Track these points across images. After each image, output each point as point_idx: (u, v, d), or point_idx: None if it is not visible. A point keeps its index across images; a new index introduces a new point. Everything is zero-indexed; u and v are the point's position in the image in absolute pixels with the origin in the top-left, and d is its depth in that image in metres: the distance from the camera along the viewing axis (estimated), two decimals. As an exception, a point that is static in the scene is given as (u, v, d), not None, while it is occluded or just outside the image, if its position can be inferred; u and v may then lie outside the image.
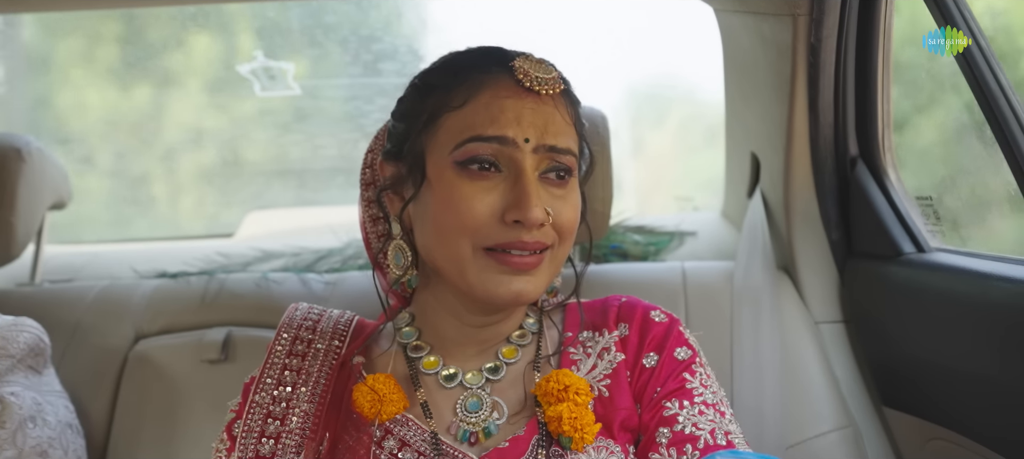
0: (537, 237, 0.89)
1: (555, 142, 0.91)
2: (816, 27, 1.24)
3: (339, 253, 1.80)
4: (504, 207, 0.88)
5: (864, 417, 1.40)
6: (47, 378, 1.30)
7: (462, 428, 0.93)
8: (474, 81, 0.91)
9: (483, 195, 0.88)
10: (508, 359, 0.98)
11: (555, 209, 0.90)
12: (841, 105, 1.36)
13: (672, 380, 0.95)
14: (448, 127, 0.91)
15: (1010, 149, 1.05)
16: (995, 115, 1.02)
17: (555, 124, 0.91)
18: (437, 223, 0.90)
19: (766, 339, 1.40)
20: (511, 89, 0.90)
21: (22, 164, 1.51)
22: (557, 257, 0.93)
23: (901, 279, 1.32)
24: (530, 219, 0.87)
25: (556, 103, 0.92)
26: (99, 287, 1.61)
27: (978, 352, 1.15)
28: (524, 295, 0.90)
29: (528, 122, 0.89)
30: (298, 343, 0.99)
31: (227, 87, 2.20)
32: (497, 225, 0.88)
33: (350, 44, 2.09)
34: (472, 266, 0.89)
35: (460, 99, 0.91)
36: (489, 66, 0.92)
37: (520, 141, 0.89)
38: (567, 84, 0.96)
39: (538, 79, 0.91)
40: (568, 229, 0.93)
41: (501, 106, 0.90)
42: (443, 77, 0.95)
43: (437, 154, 0.91)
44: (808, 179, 1.44)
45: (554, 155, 0.91)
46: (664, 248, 1.80)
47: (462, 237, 0.89)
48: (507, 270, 0.89)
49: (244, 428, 0.93)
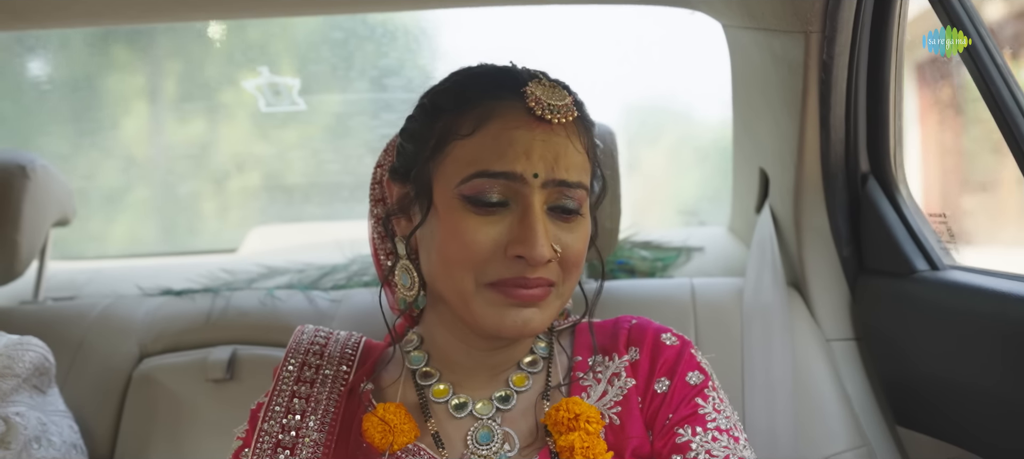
0: (541, 274, 0.87)
1: (565, 176, 0.88)
2: (828, 44, 1.23)
3: (344, 269, 1.79)
4: (509, 241, 0.86)
5: (878, 436, 1.38)
6: (52, 398, 1.29)
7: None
8: (484, 109, 0.88)
9: (488, 228, 0.86)
10: (519, 387, 0.96)
11: (563, 243, 0.88)
12: (852, 121, 1.35)
13: (684, 406, 0.93)
14: (456, 157, 0.88)
15: (1019, 149, 1.03)
16: (1004, 116, 1.01)
17: (566, 157, 0.88)
18: (442, 253, 0.89)
19: (777, 356, 1.38)
20: (521, 119, 0.87)
21: (27, 181, 1.50)
22: (563, 291, 0.91)
23: (915, 296, 1.31)
24: (535, 257, 0.85)
25: (568, 132, 0.89)
26: (103, 305, 1.60)
27: (994, 371, 1.14)
28: (530, 327, 0.89)
29: (538, 156, 0.86)
30: (306, 369, 0.97)
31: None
32: (501, 259, 0.86)
33: (356, 59, 2.09)
34: (476, 299, 0.88)
35: (469, 127, 0.88)
36: (499, 92, 0.89)
37: (529, 177, 0.86)
38: (581, 109, 0.92)
39: (550, 107, 0.87)
40: (575, 263, 0.90)
41: (510, 139, 0.87)
42: (452, 100, 0.92)
43: (444, 183, 0.89)
44: (819, 195, 1.43)
45: (564, 190, 0.88)
46: (671, 264, 1.79)
47: (466, 271, 0.87)
48: (512, 303, 0.87)
49: (253, 457, 0.91)
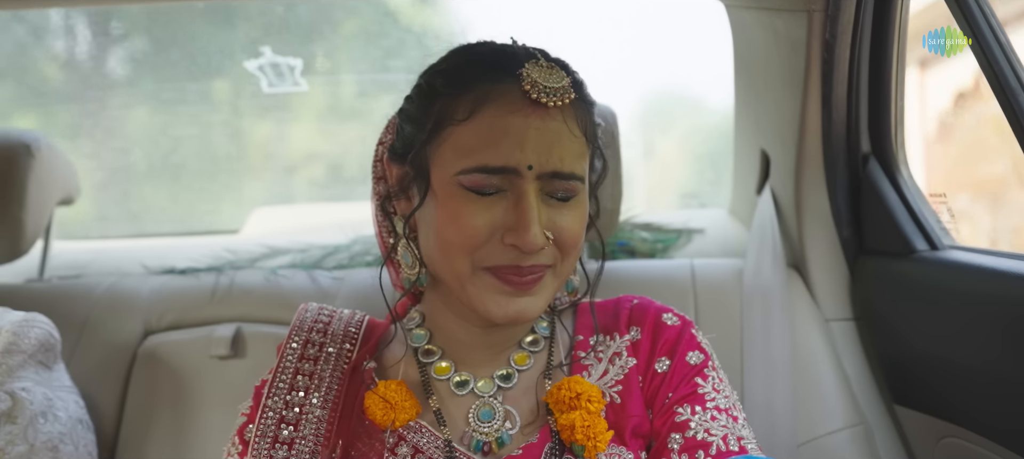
0: (535, 260, 0.87)
1: (560, 167, 0.87)
2: (831, 23, 1.23)
3: (346, 249, 1.80)
4: (504, 227, 0.86)
5: (875, 415, 1.40)
6: (57, 374, 1.29)
7: (475, 438, 0.92)
8: (479, 93, 0.87)
9: (484, 213, 0.86)
10: (520, 366, 0.97)
11: (558, 226, 0.88)
12: (854, 101, 1.36)
13: (684, 385, 0.94)
14: (452, 143, 0.88)
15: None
16: (1015, 111, 1.01)
17: (561, 145, 0.87)
18: (439, 236, 0.89)
19: (776, 337, 1.39)
20: (517, 104, 0.86)
21: (31, 160, 1.50)
22: (560, 273, 0.91)
23: (914, 276, 1.32)
24: (528, 244, 0.85)
25: (565, 116, 0.88)
26: (107, 283, 1.61)
27: (991, 349, 1.15)
28: (523, 316, 0.89)
29: (532, 146, 0.85)
30: (310, 346, 0.98)
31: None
32: (497, 245, 0.87)
33: (358, 40, 2.09)
34: (472, 282, 0.88)
35: (465, 112, 0.87)
36: (495, 75, 0.88)
37: (523, 169, 0.86)
38: (579, 89, 0.91)
39: (547, 90, 0.85)
40: (572, 244, 0.90)
41: (505, 127, 0.86)
42: (448, 82, 0.90)
43: (441, 169, 0.89)
44: (819, 176, 1.43)
45: (556, 181, 0.88)
46: (672, 245, 1.80)
47: (463, 254, 0.87)
48: (506, 290, 0.88)
49: (257, 433, 0.92)
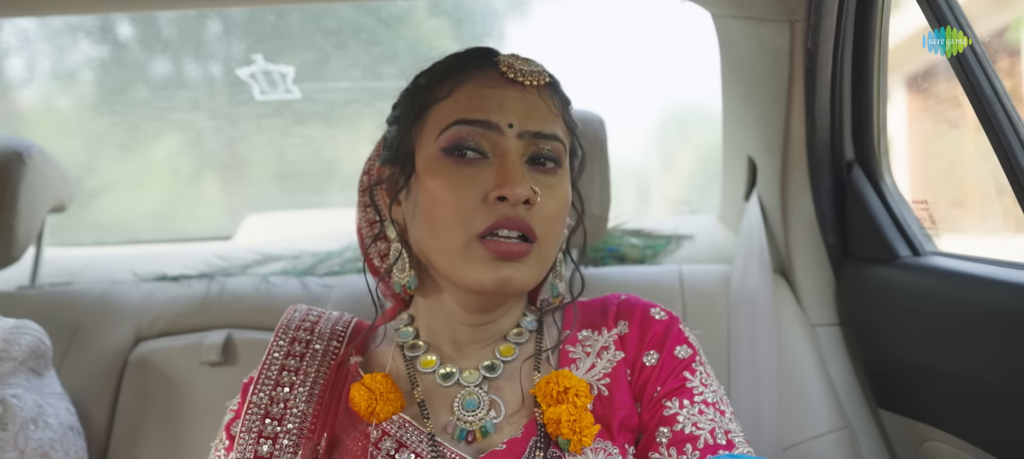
0: (523, 215, 0.89)
1: (540, 128, 0.93)
2: (813, 32, 1.25)
3: (338, 256, 1.81)
4: (490, 188, 0.89)
5: (860, 419, 1.41)
6: (48, 380, 1.30)
7: (459, 427, 0.93)
8: (460, 74, 0.95)
9: (469, 180, 0.90)
10: (505, 357, 0.99)
11: (542, 197, 0.91)
12: (837, 109, 1.37)
13: (672, 379, 0.95)
14: (434, 117, 0.94)
15: (1003, 152, 1.05)
16: (990, 118, 1.03)
17: (539, 112, 0.94)
18: (428, 215, 0.92)
19: (763, 342, 1.40)
20: (495, 79, 0.94)
21: (23, 167, 1.51)
22: (544, 250, 0.93)
23: (897, 282, 1.33)
24: (515, 194, 0.88)
25: (541, 93, 0.95)
26: (99, 290, 1.62)
27: (972, 355, 1.16)
28: (511, 283, 0.90)
29: (511, 109, 0.92)
30: (296, 344, 1.00)
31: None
32: (484, 207, 0.89)
33: (350, 48, 2.10)
34: (462, 256, 0.90)
35: (446, 90, 0.94)
36: (476, 61, 0.96)
37: (504, 126, 0.91)
38: (553, 80, 0.98)
39: (522, 71, 0.94)
40: (554, 218, 0.93)
41: (483, 94, 0.93)
42: (430, 76, 0.98)
43: (425, 145, 0.94)
44: (805, 183, 1.45)
45: (539, 141, 0.93)
46: (661, 251, 1.81)
47: (454, 226, 0.89)
48: (494, 258, 0.89)
49: (242, 428, 0.93)
